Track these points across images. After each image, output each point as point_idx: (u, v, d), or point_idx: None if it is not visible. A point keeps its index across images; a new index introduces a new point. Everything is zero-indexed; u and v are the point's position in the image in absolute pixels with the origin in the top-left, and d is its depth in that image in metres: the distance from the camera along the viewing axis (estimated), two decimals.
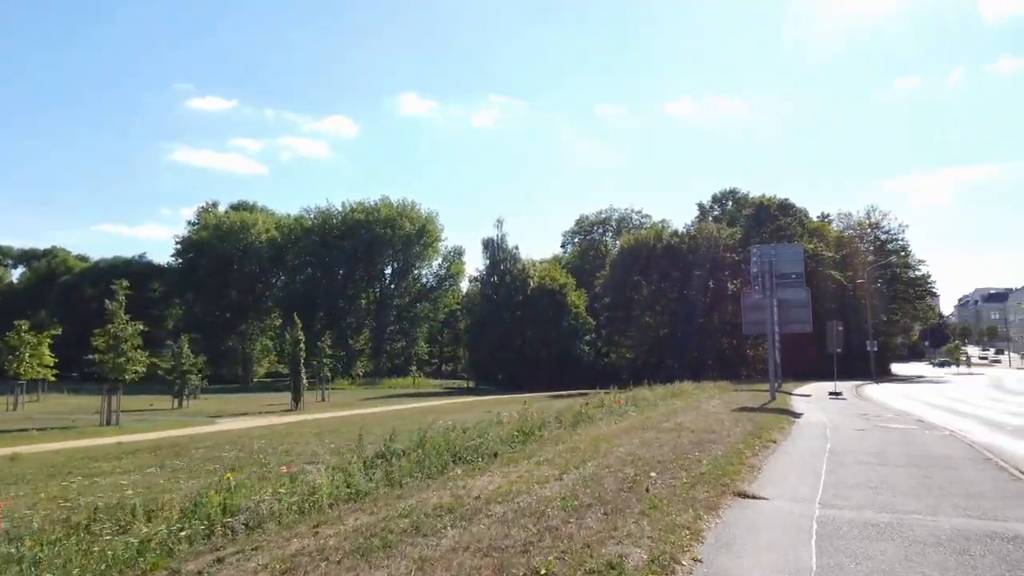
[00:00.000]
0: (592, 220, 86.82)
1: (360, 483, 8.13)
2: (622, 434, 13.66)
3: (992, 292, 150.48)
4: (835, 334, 32.86)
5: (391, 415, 33.62)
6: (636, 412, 19.32)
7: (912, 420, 18.97)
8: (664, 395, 27.23)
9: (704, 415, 18.12)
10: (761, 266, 25.92)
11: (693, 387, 34.11)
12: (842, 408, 23.78)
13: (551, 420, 15.60)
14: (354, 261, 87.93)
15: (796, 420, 17.97)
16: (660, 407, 21.13)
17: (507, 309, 70.10)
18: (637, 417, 17.70)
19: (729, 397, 27.26)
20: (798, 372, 56.61)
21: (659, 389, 30.48)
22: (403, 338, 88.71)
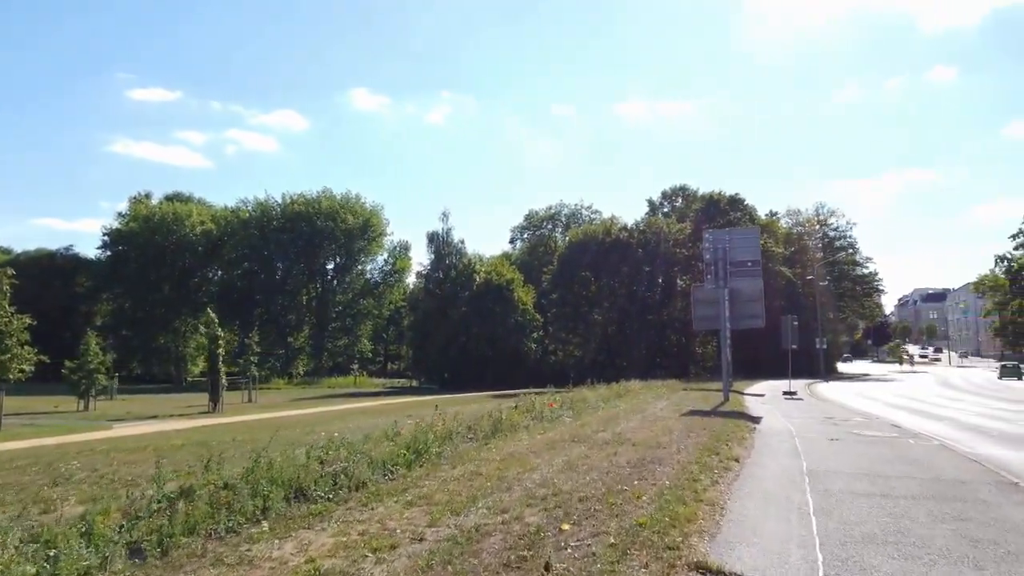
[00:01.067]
0: (542, 215, 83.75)
1: None
2: (545, 450, 10.57)
3: (930, 292, 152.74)
4: (790, 330, 30.47)
5: (310, 418, 30.05)
6: (571, 418, 16.29)
7: (886, 425, 16.36)
8: (608, 396, 24.34)
9: (650, 421, 15.17)
10: (715, 253, 23.25)
11: (640, 387, 31.37)
12: (802, 410, 21.19)
13: (462, 431, 12.45)
14: (294, 255, 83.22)
15: (756, 426, 15.16)
16: (600, 411, 18.16)
17: (452, 305, 66.68)
18: (570, 425, 14.65)
19: (678, 398, 24.53)
20: (748, 370, 54.66)
21: (603, 389, 27.66)
22: (346, 336, 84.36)
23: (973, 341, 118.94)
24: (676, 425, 14.31)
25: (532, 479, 8.11)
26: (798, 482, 8.47)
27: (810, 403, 25.49)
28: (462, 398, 43.43)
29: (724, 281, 23.12)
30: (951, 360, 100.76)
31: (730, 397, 24.33)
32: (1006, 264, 63.58)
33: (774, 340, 51.50)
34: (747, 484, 8.23)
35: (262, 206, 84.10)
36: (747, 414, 18.29)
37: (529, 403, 16.98)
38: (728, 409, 19.24)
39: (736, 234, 23.69)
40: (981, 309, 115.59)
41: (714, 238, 23.42)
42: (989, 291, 78.57)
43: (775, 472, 9.14)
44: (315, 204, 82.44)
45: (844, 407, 23.97)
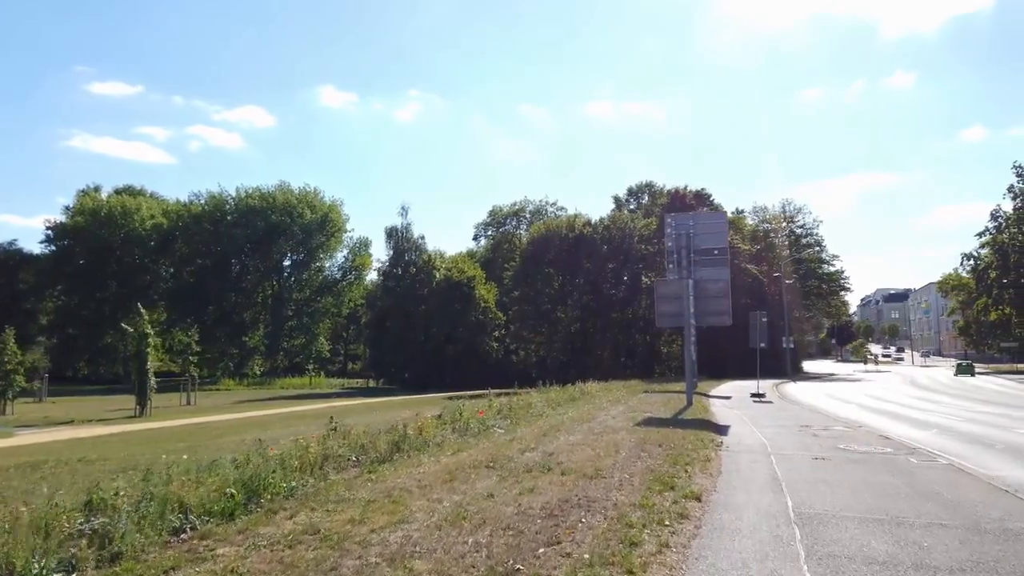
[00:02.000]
0: (506, 212, 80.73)
1: None
2: (441, 483, 7.69)
3: (892, 292, 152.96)
4: (759, 327, 27.98)
5: (232, 425, 26.87)
6: (504, 430, 13.43)
7: (874, 436, 13.76)
8: (559, 400, 21.56)
9: (596, 434, 12.37)
10: (677, 240, 20.57)
11: (599, 388, 28.64)
12: (774, 416, 18.58)
13: (350, 451, 9.53)
14: (249, 251, 79.47)
15: (723, 440, 12.44)
16: (542, 420, 15.31)
17: (411, 303, 63.55)
18: (498, 440, 11.79)
19: (637, 402, 21.82)
20: (713, 370, 52.37)
21: (556, 392, 24.91)
22: (303, 335, 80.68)
23: (935, 341, 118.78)
24: (627, 440, 11.53)
25: (389, 543, 5.23)
26: (786, 539, 5.68)
27: (781, 407, 22.96)
28: (412, 400, 40.36)
29: (688, 271, 20.48)
30: (914, 360, 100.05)
31: (694, 401, 21.71)
32: (972, 262, 62.21)
33: (741, 338, 49.26)
34: (711, 548, 5.41)
35: (215, 200, 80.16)
36: (712, 422, 15.60)
37: (456, 411, 14.07)
38: (691, 416, 16.54)
39: (701, 219, 21.07)
40: (943, 309, 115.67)
41: (676, 223, 20.75)
42: (952, 290, 77.70)
43: (751, 521, 6.33)
44: (270, 198, 78.74)
45: (818, 411, 21.48)
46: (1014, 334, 60.49)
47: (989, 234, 58.99)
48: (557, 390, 25.65)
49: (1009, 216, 57.06)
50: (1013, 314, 58.11)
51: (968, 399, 30.87)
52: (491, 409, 15.52)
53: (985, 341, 73.34)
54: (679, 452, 10.10)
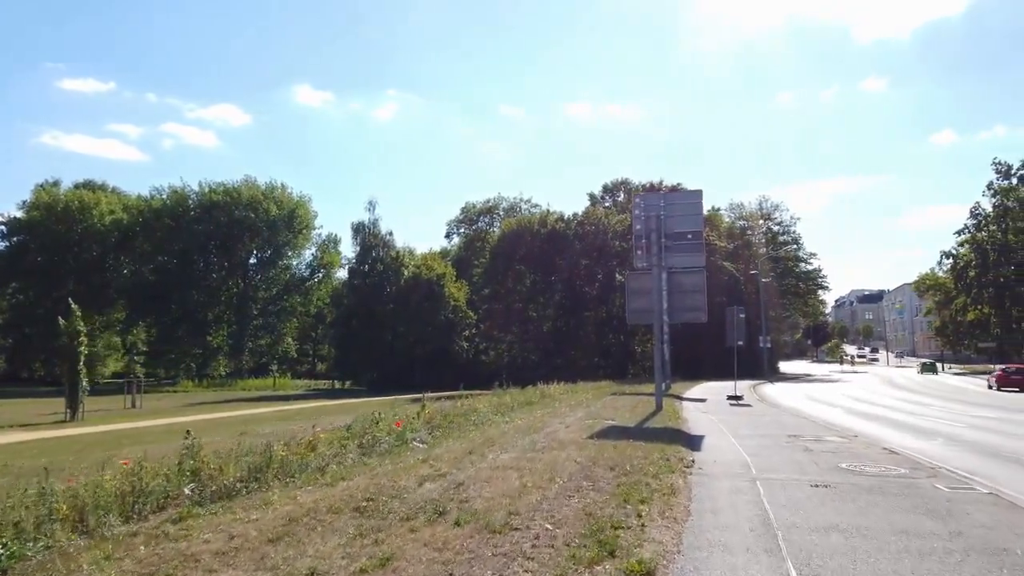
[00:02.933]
0: (479, 209, 77.73)
1: None
2: (250, 549, 4.91)
3: (866, 293, 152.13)
4: (736, 324, 25.48)
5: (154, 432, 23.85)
6: (425, 445, 10.70)
7: (876, 450, 11.18)
8: (512, 404, 18.88)
9: (535, 453, 9.66)
10: (647, 222, 17.94)
11: (563, 391, 26.01)
12: (755, 422, 16.00)
13: (173, 485, 6.74)
14: (212, 248, 75.93)
15: (694, 458, 9.77)
16: (478, 431, 12.61)
17: (378, 301, 60.54)
18: (406, 462, 9.03)
19: (601, 406, 19.16)
20: (688, 370, 49.99)
21: (515, 394, 22.29)
22: (268, 334, 77.20)
23: (909, 341, 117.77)
24: (572, 460, 8.83)
25: None
26: None
27: (761, 411, 20.44)
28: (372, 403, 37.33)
29: (659, 257, 17.84)
30: (888, 360, 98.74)
31: (664, 405, 19.12)
32: (951, 261, 60.46)
33: (716, 337, 46.92)
34: None
35: (177, 195, 76.43)
36: (683, 432, 12.96)
37: (368, 420, 11.30)
38: (659, 425, 13.88)
39: (673, 198, 18.45)
40: (917, 310, 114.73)
41: (646, 204, 18.14)
42: (929, 290, 76.17)
43: None
44: (235, 193, 75.18)
45: (803, 416, 18.98)
46: (992, 334, 58.78)
47: (968, 232, 57.27)
48: (516, 392, 23.00)
49: (989, 214, 55.37)
50: (992, 313, 56.40)
51: (954, 400, 28.70)
52: (419, 418, 12.76)
53: (961, 341, 71.78)
54: (635, 480, 7.42)
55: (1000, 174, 53.49)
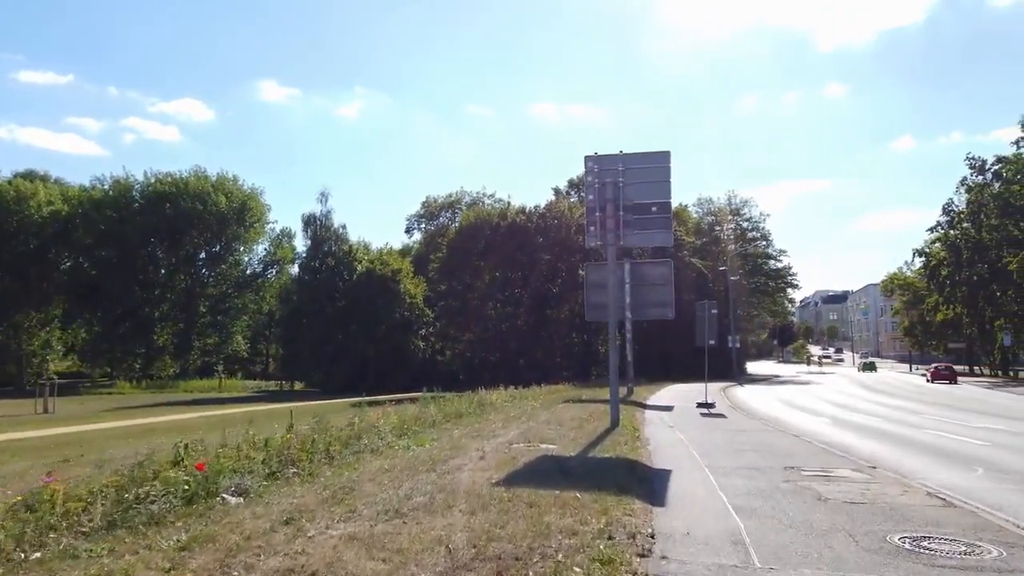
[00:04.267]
0: (440, 203, 73.60)
1: None
2: None
3: (831, 294, 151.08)
4: (708, 321, 21.89)
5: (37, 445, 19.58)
6: (247, 497, 6.78)
7: (920, 495, 7.53)
8: (436, 417, 15.02)
9: (402, 518, 5.81)
10: (601, 191, 14.18)
11: (510, 397, 22.20)
12: (735, 443, 12.30)
13: None
14: (157, 241, 70.83)
15: (653, 528, 5.98)
16: (357, 466, 8.77)
17: (329, 298, 56.24)
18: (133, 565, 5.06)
19: (546, 419, 15.36)
20: (656, 371, 46.67)
21: (448, 401, 18.46)
22: (217, 333, 72.26)
23: (873, 342, 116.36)
24: (445, 543, 5.01)
25: None
26: None
27: (737, 423, 16.82)
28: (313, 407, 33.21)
29: (616, 235, 14.06)
30: (854, 361, 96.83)
31: (624, 416, 15.42)
32: (924, 259, 57.93)
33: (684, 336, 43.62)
34: None
35: (120, 185, 71.17)
36: (641, 466, 9.21)
37: (149, 462, 7.32)
38: (609, 454, 10.07)
39: (635, 161, 14.51)
40: (882, 310, 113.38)
41: (600, 168, 14.38)
42: (898, 289, 74.07)
43: None
44: (181, 183, 70.11)
45: (788, 430, 15.39)
46: (965, 334, 56.45)
47: (941, 229, 54.79)
48: (451, 399, 19.13)
49: (962, 211, 52.90)
50: (965, 313, 53.98)
51: (940, 406, 25.54)
52: (270, 447, 8.81)
53: (930, 342, 69.69)
54: None
55: (974, 169, 51.05)
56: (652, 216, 14.25)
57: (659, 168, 14.32)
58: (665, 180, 14.25)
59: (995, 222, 50.44)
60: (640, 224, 14.28)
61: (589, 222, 14.46)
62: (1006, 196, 48.72)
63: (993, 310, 51.66)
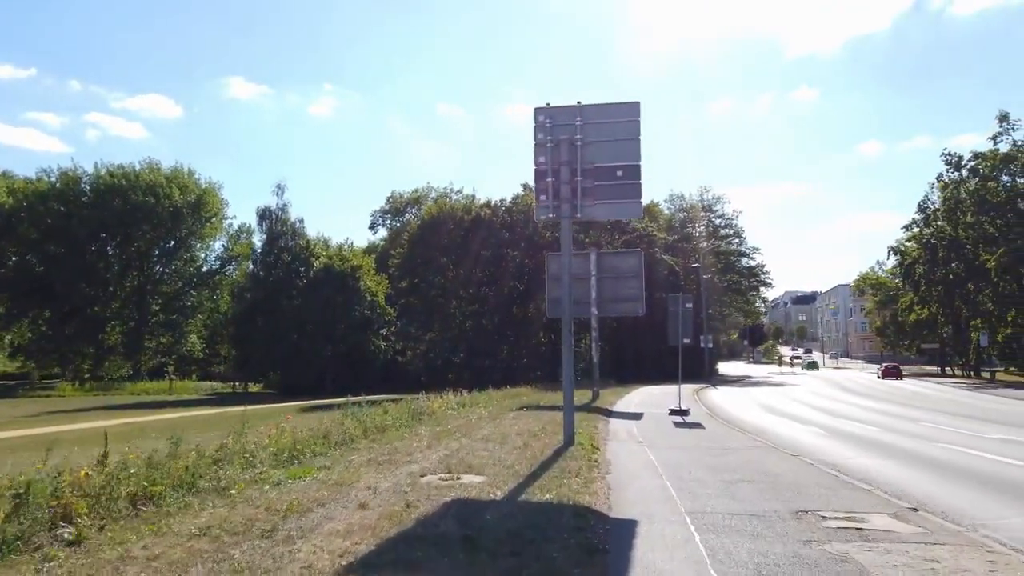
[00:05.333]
0: (406, 199, 70.23)
1: None
2: None
3: (800, 295, 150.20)
4: (682, 316, 19.06)
5: None
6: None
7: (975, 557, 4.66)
8: (355, 433, 11.94)
9: None
10: (554, 151, 11.20)
11: (456, 403, 19.12)
12: (722, 473, 9.36)
13: None
14: (108, 236, 66.49)
15: None
16: (185, 515, 5.59)
17: (284, 295, 52.57)
18: None
19: (484, 437, 12.33)
20: (622, 372, 43.89)
21: (383, 409, 15.43)
22: (170, 332, 68.11)
23: (843, 343, 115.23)
24: None
25: None
26: None
27: (720, 437, 13.97)
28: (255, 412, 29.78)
29: (572, 205, 11.08)
30: (824, 362, 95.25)
31: (583, 429, 12.54)
32: (899, 257, 56.01)
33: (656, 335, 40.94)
34: None
35: (68, 177, 66.52)
36: (592, 513, 6.24)
37: None
38: (550, 496, 7.02)
39: (597, 114, 11.33)
40: (851, 311, 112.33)
41: (552, 123, 11.35)
42: (871, 289, 72.46)
43: None
44: (133, 176, 65.89)
45: (780, 446, 12.56)
46: (939, 334, 54.65)
47: (916, 227, 52.89)
48: (385, 407, 16.05)
49: (938, 208, 51.04)
50: (940, 312, 52.13)
51: (932, 411, 23.04)
52: (36, 492, 5.69)
53: (902, 342, 68.06)
54: None
55: (950, 165, 49.16)
56: (618, 182, 11.29)
57: (626, 124, 11.36)
58: (634, 138, 11.29)
59: (971, 219, 48.64)
60: (603, 192, 11.30)
61: (539, 189, 11.44)
62: (982, 192, 46.90)
63: (969, 309, 49.86)
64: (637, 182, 11.27)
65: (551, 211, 11.33)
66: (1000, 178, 46.78)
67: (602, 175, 11.30)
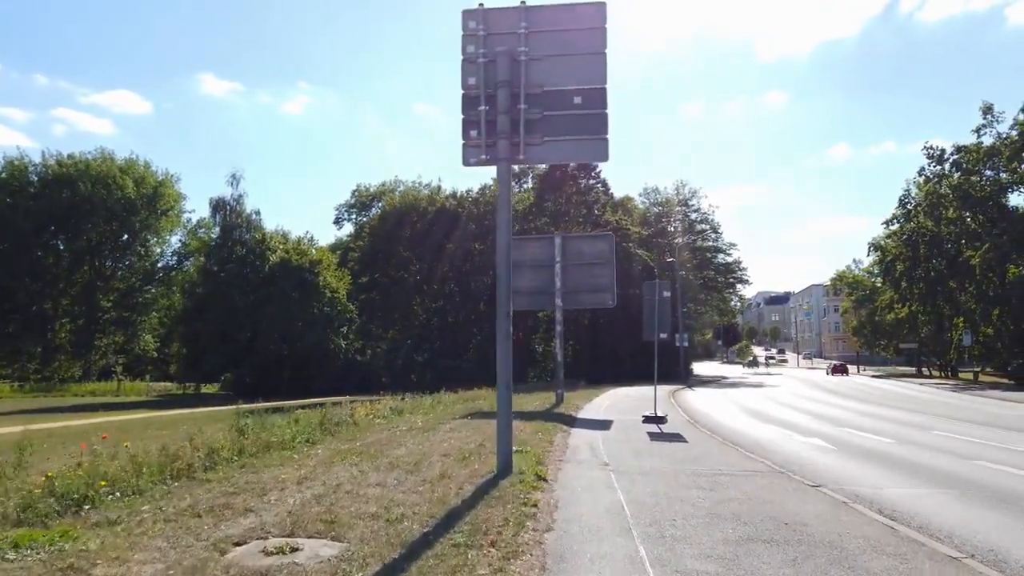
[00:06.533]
0: (373, 192, 66.46)
1: None
2: None
3: (773, 295, 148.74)
4: (659, 306, 15.99)
5: None
6: None
7: None
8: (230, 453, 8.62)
9: None
10: (488, 69, 8.00)
11: (390, 409, 15.88)
12: (718, 514, 6.23)
13: None
14: (56, 229, 62.12)
15: None
16: None
17: (237, 291, 48.85)
18: None
19: (387, 464, 9.05)
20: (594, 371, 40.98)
21: (290, 420, 12.18)
22: (122, 330, 63.85)
23: (816, 343, 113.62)
24: None
25: None
26: None
27: (705, 453, 10.84)
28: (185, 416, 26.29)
29: (511, 143, 7.90)
30: (798, 362, 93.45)
31: (536, 442, 9.38)
32: (879, 253, 53.71)
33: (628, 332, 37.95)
34: None
35: (13, 166, 62.06)
36: None
37: None
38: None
39: (547, 20, 8.13)
40: (824, 311, 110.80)
41: (487, 31, 8.00)
42: (847, 288, 70.40)
43: None
44: (82, 165, 61.60)
45: (789, 468, 9.52)
46: (920, 332, 52.42)
47: (897, 222, 50.59)
48: (296, 416, 12.77)
49: (919, 203, 48.76)
50: (920, 310, 49.86)
51: (934, 416, 20.30)
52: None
53: (879, 342, 65.94)
54: None
55: (932, 159, 46.88)
56: (576, 112, 8.11)
57: (588, 33, 8.17)
58: (598, 52, 8.12)
59: (953, 214, 46.42)
60: (556, 125, 8.11)
61: (468, 123, 8.20)
62: (965, 187, 44.65)
63: (951, 308, 47.64)
64: (602, 112, 8.09)
65: (483, 152, 8.11)
66: (983, 172, 44.56)
67: (554, 102, 8.13)
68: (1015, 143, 42.25)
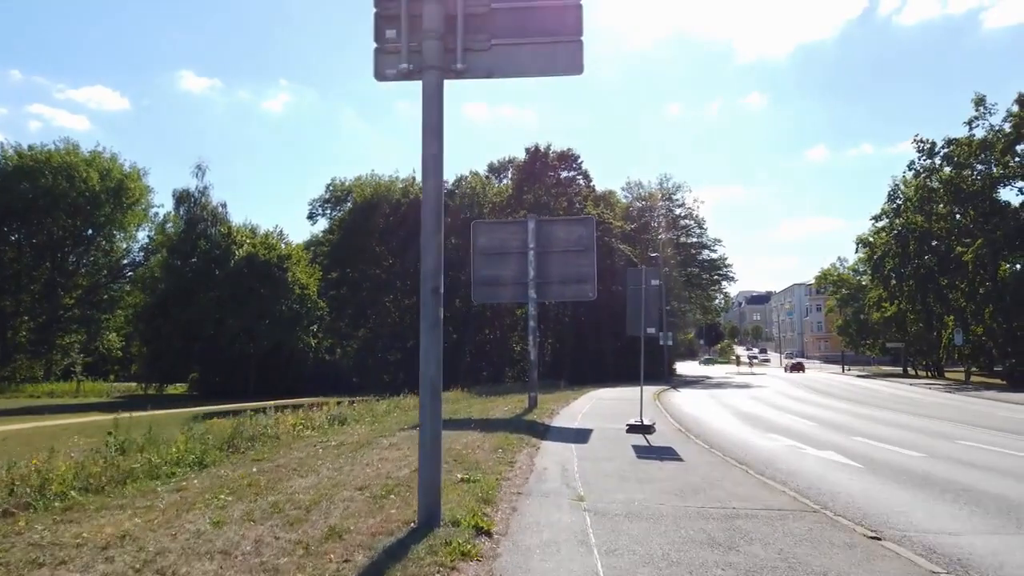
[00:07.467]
0: (348, 186, 63.44)
1: None
2: None
3: (754, 295, 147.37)
4: (646, 297, 13.60)
5: None
6: None
7: None
8: (61, 486, 5.97)
9: None
10: None
11: (328, 416, 13.30)
12: None
13: None
14: (17, 222, 58.68)
15: None
16: None
17: (201, 286, 45.92)
18: None
19: (288, 498, 6.53)
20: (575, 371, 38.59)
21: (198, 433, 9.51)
22: (84, 328, 60.46)
23: (798, 342, 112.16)
24: None
25: None
26: None
27: (700, 475, 8.40)
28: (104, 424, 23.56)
29: (448, 48, 5.45)
30: (781, 361, 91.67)
31: (492, 463, 6.93)
32: (867, 249, 51.80)
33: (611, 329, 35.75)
34: None
35: None
36: None
37: None
38: None
39: None
40: (807, 311, 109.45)
41: None
42: (832, 286, 68.67)
43: None
44: (43, 156, 58.14)
45: (816, 494, 7.16)
46: (909, 331, 50.55)
47: (886, 217, 48.69)
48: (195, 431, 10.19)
49: (909, 197, 46.88)
50: (909, 308, 48.00)
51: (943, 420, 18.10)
52: None
53: (865, 341, 64.18)
54: None
55: (923, 153, 44.99)
56: (536, 3, 5.67)
57: None
58: None
59: (944, 210, 44.58)
60: (509, 23, 5.65)
61: (382, 20, 5.69)
62: (956, 181, 42.80)
63: (942, 306, 45.78)
64: (574, 3, 5.64)
65: (404, 60, 5.61)
66: (975, 166, 42.74)
67: (517, 18, 5.66)
68: (1008, 136, 40.45)
